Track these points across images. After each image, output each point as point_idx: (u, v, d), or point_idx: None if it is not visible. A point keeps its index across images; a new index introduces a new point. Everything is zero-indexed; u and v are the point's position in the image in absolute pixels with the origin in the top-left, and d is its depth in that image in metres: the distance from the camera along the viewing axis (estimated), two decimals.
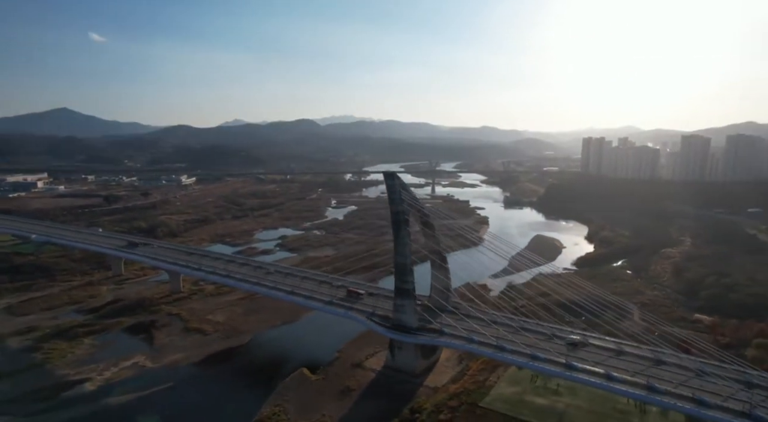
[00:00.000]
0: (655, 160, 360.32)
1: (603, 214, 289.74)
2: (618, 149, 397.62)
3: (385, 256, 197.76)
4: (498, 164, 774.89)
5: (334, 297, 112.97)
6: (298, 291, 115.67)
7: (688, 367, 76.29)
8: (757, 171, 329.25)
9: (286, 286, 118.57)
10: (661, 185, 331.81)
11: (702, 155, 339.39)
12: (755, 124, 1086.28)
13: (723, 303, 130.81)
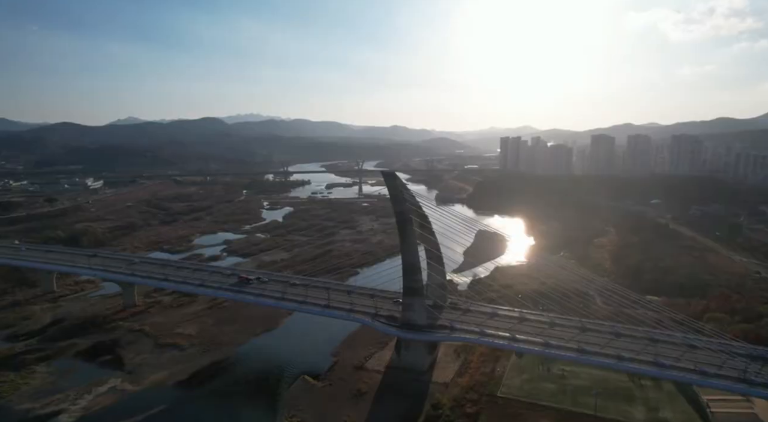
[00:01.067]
0: (569, 157, 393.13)
1: (532, 209, 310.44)
2: (535, 147, 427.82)
3: (345, 258, 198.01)
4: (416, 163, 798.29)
5: (353, 305, 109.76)
6: (310, 301, 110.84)
7: (675, 341, 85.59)
8: (652, 165, 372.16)
9: (297, 297, 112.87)
10: (577, 180, 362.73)
11: (608, 152, 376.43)
12: (632, 125, 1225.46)
13: (664, 285, 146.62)
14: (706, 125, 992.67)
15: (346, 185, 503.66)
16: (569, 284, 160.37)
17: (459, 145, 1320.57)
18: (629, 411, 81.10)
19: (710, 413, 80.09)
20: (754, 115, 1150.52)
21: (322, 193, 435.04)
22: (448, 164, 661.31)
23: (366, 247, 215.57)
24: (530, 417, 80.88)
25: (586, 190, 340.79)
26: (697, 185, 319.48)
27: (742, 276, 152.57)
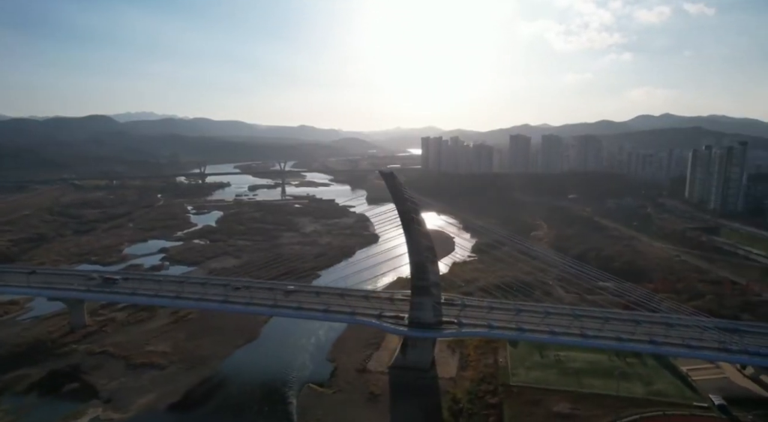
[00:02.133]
0: (491, 156, 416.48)
1: (463, 207, 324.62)
2: (459, 146, 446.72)
3: (299, 261, 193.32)
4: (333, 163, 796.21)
5: (354, 308, 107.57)
6: (306, 306, 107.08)
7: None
8: (563, 163, 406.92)
9: (291, 304, 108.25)
10: (500, 178, 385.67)
11: (525, 151, 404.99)
12: (529, 126, 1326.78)
13: (610, 272, 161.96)
14: (590, 127, 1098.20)
15: (269, 187, 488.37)
16: (525, 276, 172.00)
17: (369, 145, 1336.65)
18: (630, 387, 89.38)
19: (692, 381, 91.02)
20: (627, 118, 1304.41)
21: (246, 195, 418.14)
22: (368, 164, 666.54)
23: (317, 249, 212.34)
24: (549, 402, 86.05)
25: (508, 187, 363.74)
26: (603, 180, 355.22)
27: (668, 260, 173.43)
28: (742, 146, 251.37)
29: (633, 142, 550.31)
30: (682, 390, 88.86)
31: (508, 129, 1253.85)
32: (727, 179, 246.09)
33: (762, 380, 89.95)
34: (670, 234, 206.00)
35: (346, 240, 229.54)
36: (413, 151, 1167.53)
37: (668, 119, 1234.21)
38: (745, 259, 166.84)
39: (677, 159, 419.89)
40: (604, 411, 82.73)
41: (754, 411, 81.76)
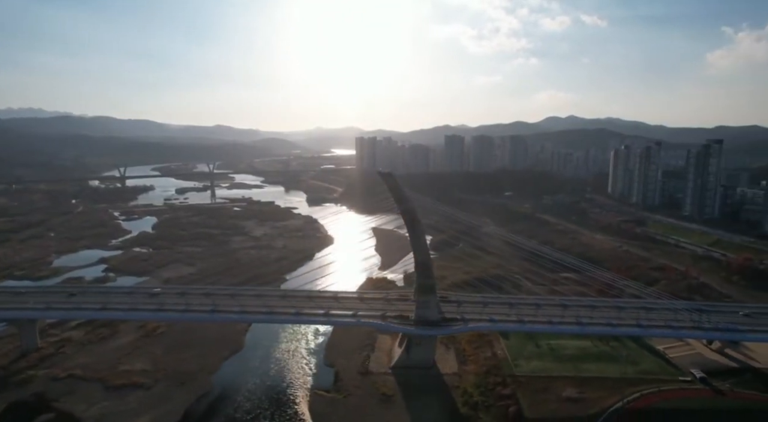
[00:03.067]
0: (427, 156, 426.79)
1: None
2: (394, 147, 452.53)
3: (260, 265, 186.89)
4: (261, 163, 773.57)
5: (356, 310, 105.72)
6: (306, 311, 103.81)
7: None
8: (495, 162, 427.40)
9: (289, 310, 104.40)
10: (437, 177, 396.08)
11: (459, 151, 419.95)
12: (450, 126, 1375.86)
13: (566, 264, 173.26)
14: (507, 127, 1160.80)
15: (198, 190, 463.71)
16: (490, 271, 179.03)
17: (293, 145, 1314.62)
18: (621, 369, 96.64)
19: (670, 359, 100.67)
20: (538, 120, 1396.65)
21: (176, 198, 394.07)
22: (298, 165, 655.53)
23: (276, 253, 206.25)
24: (557, 388, 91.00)
25: (447, 186, 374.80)
26: (533, 178, 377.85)
27: (613, 250, 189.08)
28: (658, 146, 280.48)
29: (550, 142, 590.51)
30: (665, 368, 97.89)
31: (430, 130, 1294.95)
32: (647, 176, 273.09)
33: (727, 353, 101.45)
34: (607, 226, 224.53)
35: (302, 243, 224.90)
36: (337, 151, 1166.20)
37: (573, 120, 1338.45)
38: (676, 247, 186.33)
39: (593, 157, 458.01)
40: (608, 393, 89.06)
41: (729, 380, 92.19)
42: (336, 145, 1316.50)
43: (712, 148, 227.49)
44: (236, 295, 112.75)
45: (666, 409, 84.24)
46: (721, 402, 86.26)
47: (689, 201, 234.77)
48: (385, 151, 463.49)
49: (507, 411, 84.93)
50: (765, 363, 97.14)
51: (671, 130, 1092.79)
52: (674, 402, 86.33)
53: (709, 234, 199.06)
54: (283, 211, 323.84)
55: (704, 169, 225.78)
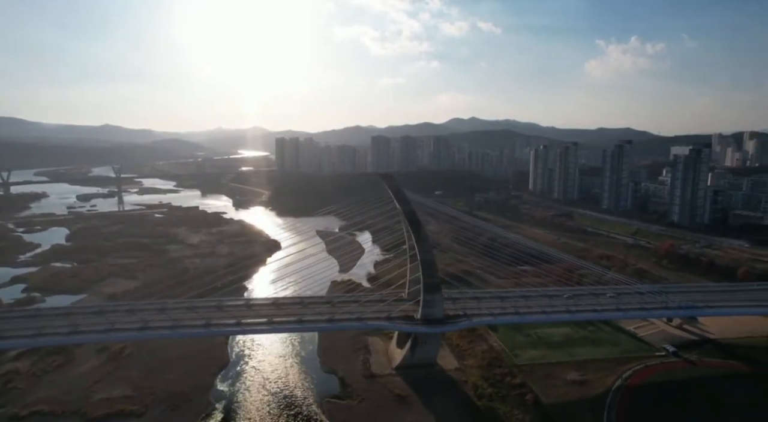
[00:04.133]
0: (354, 156, 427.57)
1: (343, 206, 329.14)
2: (320, 147, 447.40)
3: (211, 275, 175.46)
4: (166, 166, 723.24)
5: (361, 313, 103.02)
6: (308, 318, 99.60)
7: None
8: (418, 162, 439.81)
9: (291, 318, 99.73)
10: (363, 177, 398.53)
11: (385, 151, 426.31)
12: (360, 127, 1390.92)
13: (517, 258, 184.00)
14: (414, 128, 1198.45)
15: (104, 195, 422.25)
16: (451, 267, 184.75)
17: (195, 146, 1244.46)
18: (606, 350, 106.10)
19: (641, 337, 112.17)
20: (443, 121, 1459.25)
21: (82, 206, 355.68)
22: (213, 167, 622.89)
23: (223, 261, 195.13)
24: (561, 372, 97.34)
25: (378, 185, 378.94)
26: (458, 177, 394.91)
27: (554, 243, 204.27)
28: (575, 146, 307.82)
29: (466, 142, 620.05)
30: (641, 346, 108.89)
31: (341, 130, 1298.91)
32: (566, 173, 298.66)
33: (685, 328, 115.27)
34: (542, 221, 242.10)
35: (248, 249, 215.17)
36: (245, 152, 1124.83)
37: (476, 122, 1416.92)
38: (607, 238, 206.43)
39: (507, 157, 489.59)
40: (606, 373, 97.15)
41: (695, 351, 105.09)
42: (241, 146, 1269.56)
43: (624, 148, 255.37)
44: (223, 307, 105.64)
45: (657, 382, 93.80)
46: (696, 371, 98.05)
47: (606, 195, 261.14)
48: (309, 152, 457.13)
49: (524, 399, 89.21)
50: (717, 334, 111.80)
51: (561, 131, 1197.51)
52: (660, 375, 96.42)
53: (629, 225, 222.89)
54: (212, 216, 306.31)
55: (619, 166, 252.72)
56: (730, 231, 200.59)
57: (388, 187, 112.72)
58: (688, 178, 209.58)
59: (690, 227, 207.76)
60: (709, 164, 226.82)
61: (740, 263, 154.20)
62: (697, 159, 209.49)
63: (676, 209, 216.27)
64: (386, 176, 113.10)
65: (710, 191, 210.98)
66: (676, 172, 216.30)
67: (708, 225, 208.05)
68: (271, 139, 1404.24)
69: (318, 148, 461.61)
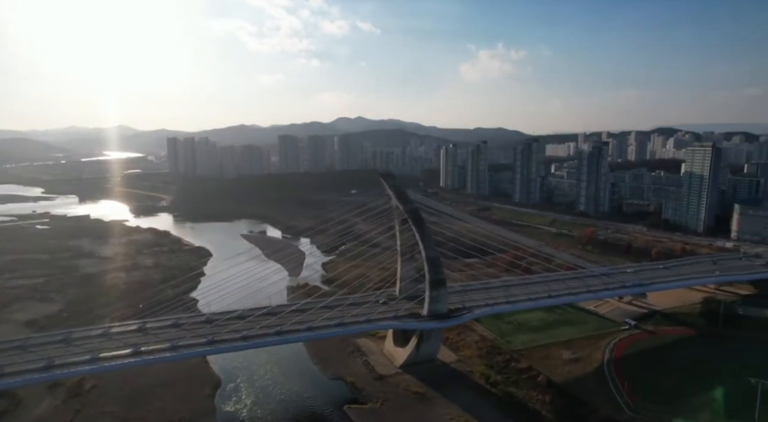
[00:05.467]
0: (261, 157, 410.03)
1: (259, 209, 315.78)
2: (218, 148, 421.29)
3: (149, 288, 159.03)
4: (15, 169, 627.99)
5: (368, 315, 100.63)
6: (318, 325, 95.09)
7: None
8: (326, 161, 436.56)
9: (301, 326, 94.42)
10: (276, 179, 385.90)
11: (294, 152, 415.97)
12: (245, 126, 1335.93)
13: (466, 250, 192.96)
14: (303, 127, 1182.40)
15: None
16: None
17: (45, 146, 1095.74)
18: (580, 329, 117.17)
19: (603, 315, 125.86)
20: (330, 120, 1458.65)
21: None
22: (91, 171, 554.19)
23: (154, 273, 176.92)
24: (555, 353, 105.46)
25: (289, 186, 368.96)
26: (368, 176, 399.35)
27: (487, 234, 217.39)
28: (484, 144, 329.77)
29: (368, 141, 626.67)
30: (606, 322, 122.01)
31: (224, 129, 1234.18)
32: (478, 170, 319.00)
33: (634, 303, 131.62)
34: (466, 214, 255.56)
35: (176, 259, 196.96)
36: (111, 153, 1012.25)
37: (363, 122, 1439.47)
38: (533, 229, 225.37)
39: (409, 155, 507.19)
40: (591, 349, 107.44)
41: (649, 322, 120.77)
42: (104, 146, 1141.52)
43: (532, 146, 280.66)
44: (213, 321, 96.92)
45: (635, 352, 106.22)
46: (658, 339, 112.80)
47: (518, 190, 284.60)
48: (207, 154, 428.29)
49: (537, 381, 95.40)
50: (659, 306, 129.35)
51: (443, 130, 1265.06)
52: (634, 346, 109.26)
53: (544, 216, 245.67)
54: (114, 225, 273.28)
55: (528, 163, 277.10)
56: (624, 217, 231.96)
57: (390, 187, 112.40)
58: (592, 171, 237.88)
59: (595, 215, 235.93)
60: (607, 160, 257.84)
61: (650, 244, 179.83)
62: (598, 155, 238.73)
63: (582, 200, 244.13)
64: (386, 175, 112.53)
65: (609, 183, 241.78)
66: (582, 167, 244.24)
67: (608, 213, 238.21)
68: (141, 139, 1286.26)
69: (217, 149, 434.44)
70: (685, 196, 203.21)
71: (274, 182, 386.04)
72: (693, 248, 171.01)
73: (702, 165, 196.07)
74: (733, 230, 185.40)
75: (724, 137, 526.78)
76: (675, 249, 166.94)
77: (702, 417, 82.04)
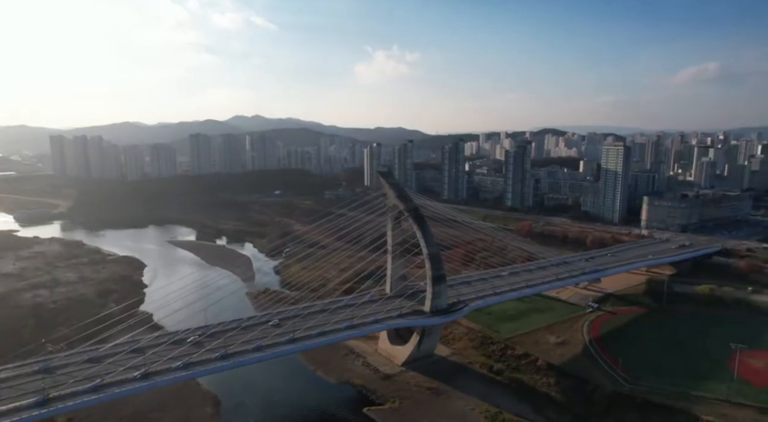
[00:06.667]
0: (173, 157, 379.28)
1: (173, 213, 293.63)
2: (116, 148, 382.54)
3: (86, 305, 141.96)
4: None
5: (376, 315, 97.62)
6: (330, 328, 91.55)
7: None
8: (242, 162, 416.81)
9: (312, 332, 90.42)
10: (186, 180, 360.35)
11: (207, 151, 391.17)
12: (129, 123, 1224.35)
13: None
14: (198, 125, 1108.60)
15: None
16: (362, 265, 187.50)
17: None
18: (554, 315, 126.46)
19: (566, 300, 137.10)
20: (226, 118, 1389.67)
21: None
22: None
23: (83, 288, 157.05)
24: (543, 338, 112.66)
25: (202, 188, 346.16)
26: (288, 176, 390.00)
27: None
28: (410, 143, 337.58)
29: (281, 140, 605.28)
30: (572, 307, 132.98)
31: (105, 126, 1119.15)
32: (405, 168, 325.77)
33: (589, 287, 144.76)
34: None
35: (104, 271, 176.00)
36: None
37: (260, 120, 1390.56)
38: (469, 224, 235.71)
39: (325, 155, 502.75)
40: (571, 332, 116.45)
41: (607, 304, 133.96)
42: None
43: (459, 145, 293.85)
44: (214, 334, 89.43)
45: (607, 331, 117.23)
46: (619, 318, 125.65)
47: (447, 187, 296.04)
48: (103, 153, 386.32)
49: (537, 365, 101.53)
50: (612, 289, 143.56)
51: (345, 130, 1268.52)
52: (603, 326, 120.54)
53: (475, 211, 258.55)
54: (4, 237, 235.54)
55: (456, 161, 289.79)
56: (547, 211, 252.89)
57: (390, 185, 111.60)
58: (518, 169, 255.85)
59: (522, 209, 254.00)
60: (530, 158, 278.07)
61: (582, 235, 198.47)
62: (523, 154, 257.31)
63: (509, 196, 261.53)
64: (386, 174, 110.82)
65: (533, 180, 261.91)
66: (509, 165, 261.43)
67: (532, 207, 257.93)
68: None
69: (118, 149, 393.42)
70: (602, 189, 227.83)
71: (186, 184, 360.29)
72: (619, 236, 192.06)
73: (616, 162, 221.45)
74: (643, 219, 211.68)
75: (602, 138, 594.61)
76: (606, 239, 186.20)
77: (687, 383, 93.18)
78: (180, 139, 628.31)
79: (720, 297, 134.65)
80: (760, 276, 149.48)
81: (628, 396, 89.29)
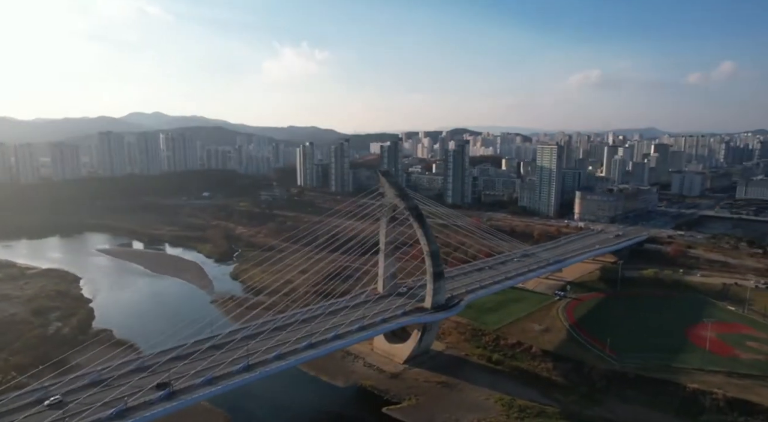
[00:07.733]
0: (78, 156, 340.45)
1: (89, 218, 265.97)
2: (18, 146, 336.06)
3: (69, 317, 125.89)
4: None
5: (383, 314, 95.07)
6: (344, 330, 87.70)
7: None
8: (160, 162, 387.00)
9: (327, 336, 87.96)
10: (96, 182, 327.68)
11: (120, 151, 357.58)
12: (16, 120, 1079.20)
13: None
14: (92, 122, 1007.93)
15: None
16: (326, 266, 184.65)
17: None
18: (528, 305, 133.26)
19: (532, 290, 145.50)
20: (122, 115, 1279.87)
21: None
22: None
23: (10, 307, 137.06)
24: (528, 326, 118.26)
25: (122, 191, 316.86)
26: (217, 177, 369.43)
27: None
28: (347, 142, 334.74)
29: (200, 140, 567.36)
30: (542, 296, 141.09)
31: None
32: (342, 167, 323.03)
33: (551, 277, 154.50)
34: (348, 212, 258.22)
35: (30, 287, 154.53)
36: None
37: (160, 117, 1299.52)
38: None
39: (246, 154, 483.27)
40: (549, 320, 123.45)
41: (570, 292, 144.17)
42: None
43: (398, 144, 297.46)
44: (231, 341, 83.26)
45: (579, 316, 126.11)
46: (586, 303, 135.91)
47: None
48: None
49: (531, 352, 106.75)
50: (570, 277, 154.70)
51: (255, 128, 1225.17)
52: (576, 311, 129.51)
53: None
54: None
55: (395, 160, 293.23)
56: (486, 207, 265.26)
57: (390, 184, 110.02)
58: (458, 167, 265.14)
59: (462, 206, 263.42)
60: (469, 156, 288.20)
61: (528, 228, 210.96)
62: (462, 153, 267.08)
63: (450, 193, 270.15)
64: (386, 174, 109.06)
65: (471, 177, 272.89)
66: (448, 163, 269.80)
67: (471, 204, 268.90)
68: None
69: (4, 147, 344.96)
70: (537, 186, 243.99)
71: (96, 186, 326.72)
72: (561, 228, 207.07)
73: (550, 160, 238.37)
74: (576, 212, 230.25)
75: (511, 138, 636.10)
76: (551, 231, 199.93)
77: (664, 356, 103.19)
78: (72, 137, 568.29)
79: (662, 280, 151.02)
80: (685, 259, 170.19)
81: (621, 374, 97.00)
